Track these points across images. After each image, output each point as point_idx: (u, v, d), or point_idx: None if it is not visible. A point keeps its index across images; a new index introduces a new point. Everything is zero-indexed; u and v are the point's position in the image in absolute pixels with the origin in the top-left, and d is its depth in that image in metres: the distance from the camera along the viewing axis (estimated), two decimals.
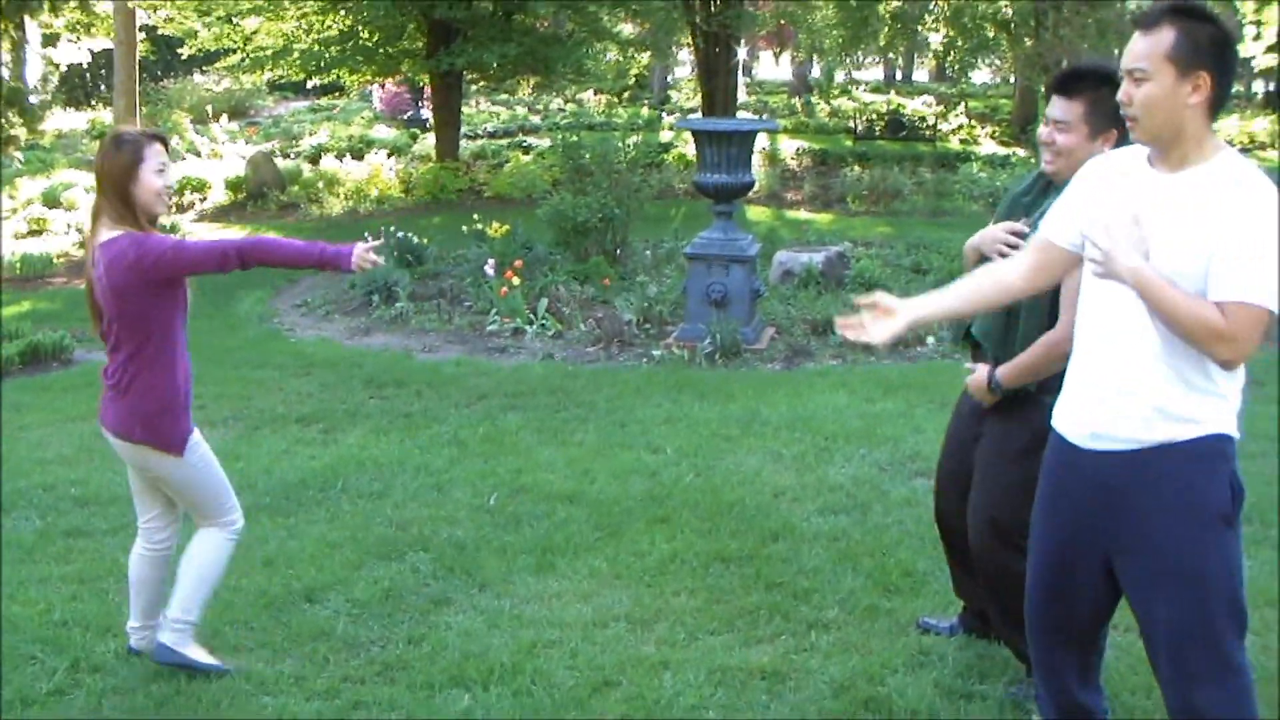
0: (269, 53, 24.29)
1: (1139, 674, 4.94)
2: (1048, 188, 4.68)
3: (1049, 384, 4.40)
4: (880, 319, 3.93)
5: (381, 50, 23.69)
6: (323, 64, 24.15)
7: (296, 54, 23.95)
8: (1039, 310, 4.47)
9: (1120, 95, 3.68)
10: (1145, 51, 3.56)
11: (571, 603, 5.72)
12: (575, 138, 15.51)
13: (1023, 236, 4.53)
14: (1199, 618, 3.72)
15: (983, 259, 4.70)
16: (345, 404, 9.45)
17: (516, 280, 12.68)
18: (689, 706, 4.71)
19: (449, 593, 5.85)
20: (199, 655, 5.07)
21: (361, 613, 5.61)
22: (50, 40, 35.76)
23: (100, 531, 6.78)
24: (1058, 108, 4.53)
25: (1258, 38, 29.04)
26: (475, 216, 16.48)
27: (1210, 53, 3.55)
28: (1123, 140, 4.40)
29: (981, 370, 4.67)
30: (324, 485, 7.42)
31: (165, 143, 4.90)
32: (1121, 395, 3.70)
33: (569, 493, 7.21)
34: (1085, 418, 3.81)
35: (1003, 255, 4.53)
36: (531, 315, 12.35)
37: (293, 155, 28.17)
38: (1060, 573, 4.00)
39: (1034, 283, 3.94)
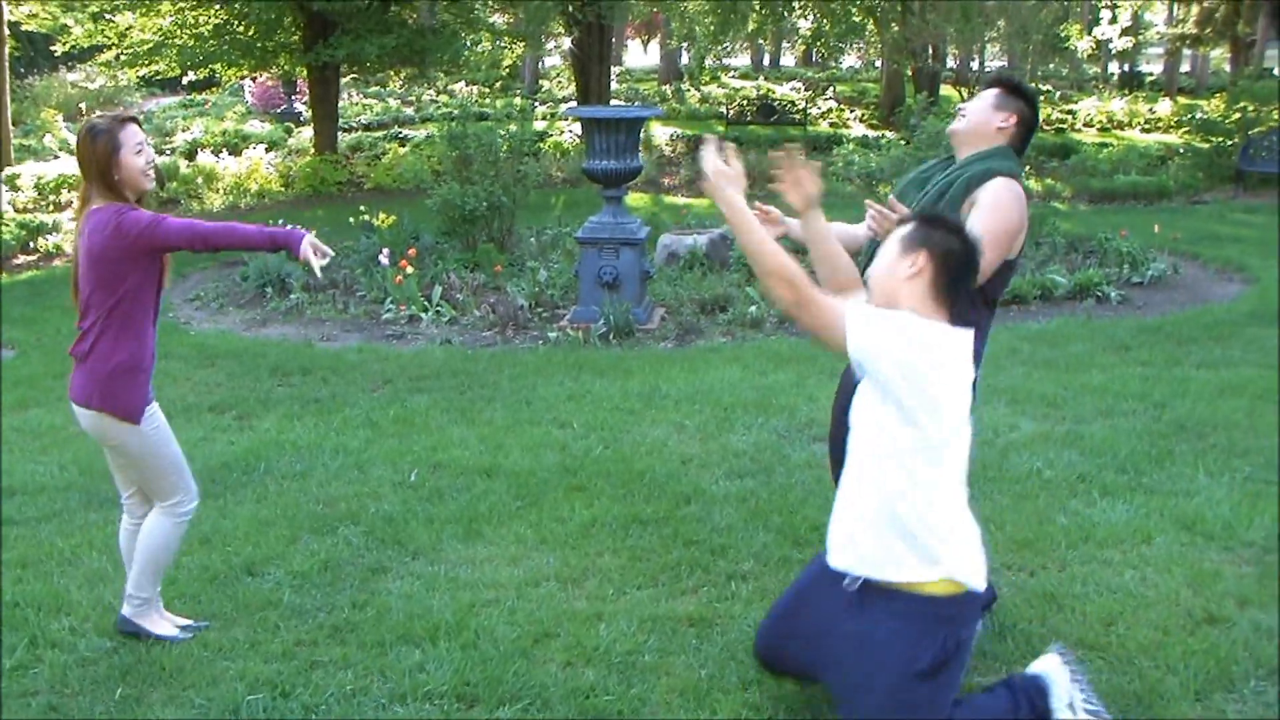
0: (145, 48, 24.12)
1: (1034, 607, 5.37)
2: (948, 163, 5.10)
3: None
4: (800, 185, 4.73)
5: (259, 44, 23.64)
6: (199, 59, 24.03)
7: (173, 49, 23.83)
8: None
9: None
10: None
11: (502, 566, 6.04)
12: (462, 127, 15.72)
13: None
14: None
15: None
16: (254, 392, 9.65)
17: (410, 269, 12.93)
18: (625, 652, 5.05)
19: (384, 562, 6.13)
20: (155, 626, 5.33)
21: (303, 583, 5.87)
22: None
23: (32, 519, 6.95)
24: (976, 96, 5.18)
25: (1113, 21, 30.02)
26: (362, 208, 16.66)
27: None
28: (1021, 125, 4.93)
29: None
30: (247, 468, 7.65)
31: (138, 123, 5.07)
32: (854, 530, 4.21)
33: (485, 466, 7.51)
34: (832, 535, 4.34)
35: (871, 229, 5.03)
36: (426, 302, 12.60)
37: (168, 151, 27.99)
38: (786, 629, 4.50)
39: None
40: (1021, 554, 6.03)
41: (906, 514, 4.06)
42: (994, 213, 4.74)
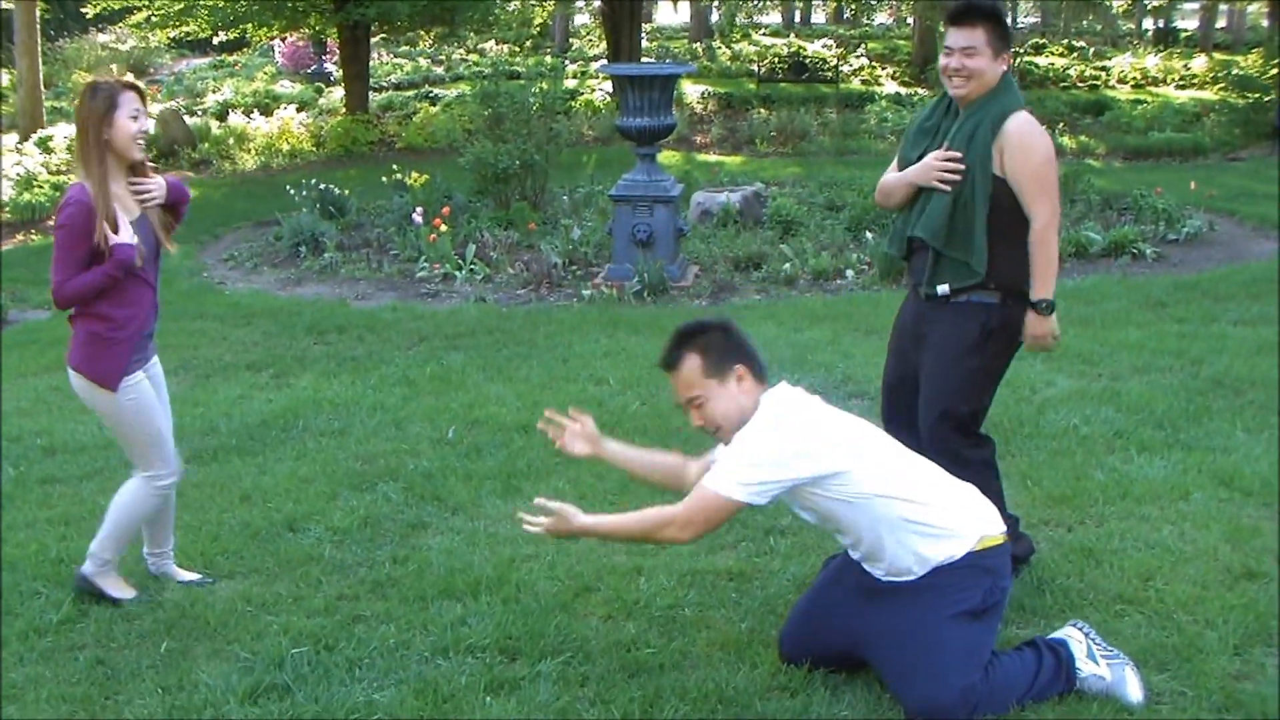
0: (175, 9, 24.10)
1: (1072, 562, 5.37)
2: (949, 110, 5.14)
3: (990, 284, 4.96)
4: (577, 438, 4.90)
5: (289, 4, 23.57)
6: (230, 19, 24.00)
7: (204, 10, 23.80)
8: (975, 205, 4.95)
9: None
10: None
11: None
12: (494, 86, 15.71)
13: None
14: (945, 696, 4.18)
15: (919, 191, 5.13)
16: (290, 350, 9.71)
17: (444, 227, 12.95)
18: (666, 606, 5.08)
19: (424, 518, 6.18)
20: (111, 587, 5.35)
21: (343, 539, 5.92)
22: None
23: (74, 478, 7.01)
24: (962, 36, 5.02)
25: None
26: (395, 167, 16.68)
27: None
28: (1011, 54, 5.13)
29: (1036, 322, 5.01)
30: (285, 425, 7.70)
31: (139, 92, 5.10)
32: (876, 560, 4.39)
33: (522, 423, 7.53)
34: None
35: (942, 184, 5.01)
36: (460, 260, 12.63)
37: (199, 112, 28.05)
38: (814, 624, 4.59)
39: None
40: (1059, 509, 6.03)
41: (904, 541, 4.26)
42: (1030, 154, 4.91)
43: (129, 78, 5.15)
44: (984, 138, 4.91)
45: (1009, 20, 34.29)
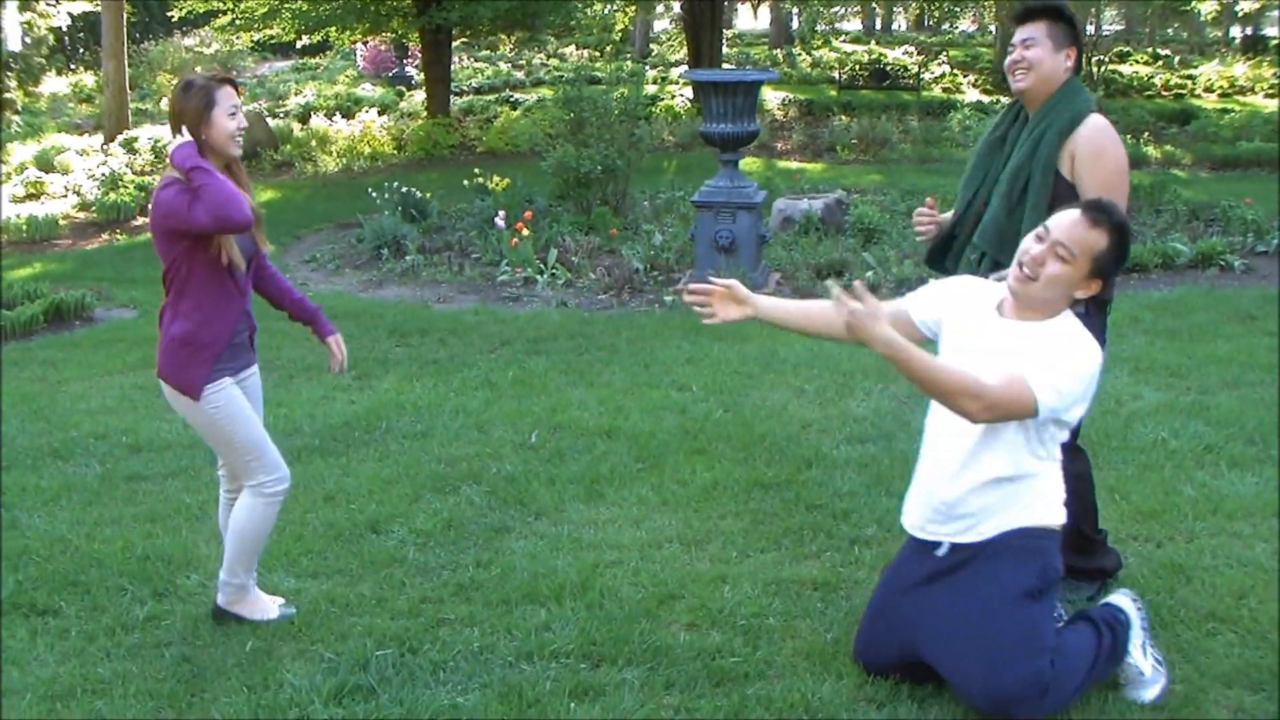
0: (260, 12, 24.35)
1: (1161, 578, 5.29)
2: (1018, 117, 5.11)
3: None
4: (728, 303, 4.68)
5: (372, 7, 23.76)
6: (313, 23, 24.21)
7: (288, 13, 24.02)
8: (1026, 210, 4.89)
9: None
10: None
11: (625, 527, 6.06)
12: (576, 90, 15.70)
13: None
14: (1000, 683, 4.15)
15: (970, 201, 5.22)
16: (373, 352, 9.74)
17: (526, 231, 12.97)
18: (750, 614, 5.05)
19: (507, 521, 6.18)
20: (252, 611, 5.20)
21: (427, 541, 5.93)
22: (26, 5, 35.36)
23: (159, 475, 7.07)
24: (1022, 31, 5.00)
25: None
26: (476, 171, 16.73)
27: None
28: (1078, 51, 5.02)
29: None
30: (368, 427, 7.73)
31: (235, 85, 4.94)
32: (937, 500, 4.36)
33: (605, 428, 7.53)
34: (916, 512, 4.50)
35: (918, 233, 5.28)
36: (542, 265, 12.64)
37: (281, 115, 28.29)
38: (882, 624, 4.54)
39: None
40: (1148, 525, 5.94)
41: (1014, 484, 4.23)
42: (1101, 161, 4.81)
43: (223, 72, 5.09)
44: (1050, 142, 4.85)
45: (1086, 24, 34.04)
